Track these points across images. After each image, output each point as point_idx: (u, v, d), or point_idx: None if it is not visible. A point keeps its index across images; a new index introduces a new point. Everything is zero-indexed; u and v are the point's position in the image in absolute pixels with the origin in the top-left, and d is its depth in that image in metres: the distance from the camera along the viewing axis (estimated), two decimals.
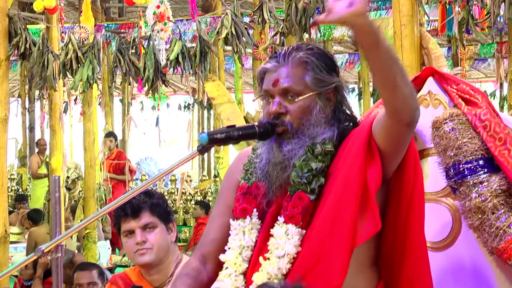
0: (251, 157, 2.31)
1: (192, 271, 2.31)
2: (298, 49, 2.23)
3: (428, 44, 4.22)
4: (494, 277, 2.72)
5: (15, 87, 18.34)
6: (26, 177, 14.44)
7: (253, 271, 2.18)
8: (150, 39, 6.54)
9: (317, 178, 2.15)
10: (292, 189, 2.17)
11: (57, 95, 7.31)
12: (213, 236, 2.36)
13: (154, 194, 2.98)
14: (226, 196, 2.38)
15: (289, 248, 2.12)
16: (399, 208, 2.17)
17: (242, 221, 2.24)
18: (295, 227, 2.14)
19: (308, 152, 2.16)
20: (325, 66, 2.22)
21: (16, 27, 6.17)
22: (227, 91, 8.75)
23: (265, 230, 2.21)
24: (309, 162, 2.16)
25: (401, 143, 2.14)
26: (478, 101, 2.76)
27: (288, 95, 2.19)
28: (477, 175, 2.67)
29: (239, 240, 2.23)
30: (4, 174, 5.97)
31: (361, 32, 1.94)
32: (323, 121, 2.18)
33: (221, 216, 2.35)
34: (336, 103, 2.23)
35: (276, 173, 2.20)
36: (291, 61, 2.21)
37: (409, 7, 4.23)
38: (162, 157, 19.93)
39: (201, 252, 2.35)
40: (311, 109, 2.18)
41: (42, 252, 2.13)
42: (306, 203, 2.14)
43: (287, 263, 2.12)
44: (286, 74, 2.19)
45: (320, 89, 2.20)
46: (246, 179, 2.29)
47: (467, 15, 4.68)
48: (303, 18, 5.53)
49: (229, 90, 10.00)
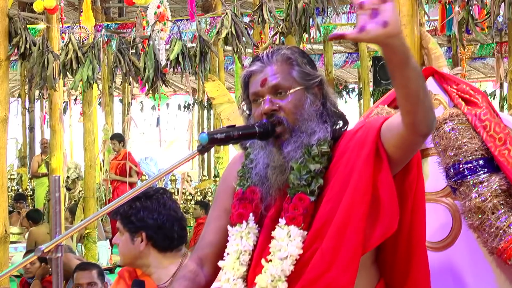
0: (244, 163, 2.31)
1: (189, 274, 2.32)
2: (278, 49, 2.27)
3: (428, 44, 4.22)
4: (494, 277, 2.73)
5: (15, 87, 18.35)
6: (26, 177, 14.46)
7: (254, 274, 2.18)
8: (150, 39, 6.55)
9: (316, 180, 2.16)
10: (292, 191, 2.17)
11: (57, 95, 7.32)
12: (210, 239, 2.36)
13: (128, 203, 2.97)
14: (221, 199, 2.38)
15: (292, 250, 2.13)
16: (403, 209, 2.17)
17: (239, 226, 2.25)
18: (297, 228, 2.14)
19: (305, 154, 2.17)
20: (307, 61, 2.26)
21: (16, 27, 6.17)
22: (227, 91, 8.76)
23: (265, 233, 2.22)
24: (307, 164, 2.16)
25: (413, 152, 2.16)
26: (478, 101, 2.76)
27: (277, 92, 2.20)
28: (477, 175, 2.67)
29: (237, 245, 2.24)
30: (4, 174, 5.97)
31: (392, 52, 1.90)
32: (315, 114, 2.20)
33: (217, 219, 2.36)
34: (322, 97, 2.24)
35: (275, 177, 2.20)
36: (275, 59, 2.23)
37: (409, 7, 4.23)
38: (162, 157, 19.95)
39: (198, 255, 2.36)
40: (302, 103, 2.20)
41: (42, 252, 2.13)
42: (307, 204, 2.15)
43: (290, 265, 2.13)
44: (273, 72, 2.21)
45: (307, 83, 2.22)
46: (241, 185, 2.29)
47: (467, 15, 4.69)
48: (303, 18, 5.54)
49: (229, 90, 10.01)
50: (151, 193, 3.02)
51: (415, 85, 1.96)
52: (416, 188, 2.20)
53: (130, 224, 2.97)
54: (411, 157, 2.17)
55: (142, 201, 2.98)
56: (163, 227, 2.97)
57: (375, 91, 13.45)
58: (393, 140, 2.11)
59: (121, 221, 2.99)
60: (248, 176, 2.27)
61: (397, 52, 1.90)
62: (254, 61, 2.27)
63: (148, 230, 2.96)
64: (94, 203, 8.72)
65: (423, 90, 1.99)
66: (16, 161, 16.00)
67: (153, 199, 3.00)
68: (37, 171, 12.55)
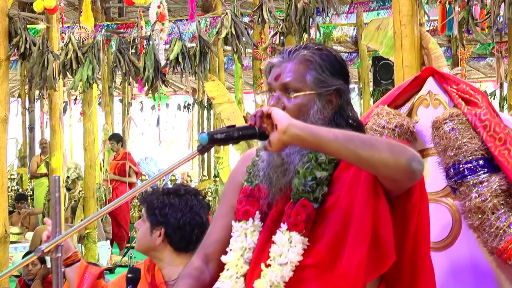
0: (254, 159, 2.31)
1: (194, 271, 2.31)
2: (306, 48, 2.23)
3: (428, 44, 4.23)
4: (494, 277, 2.73)
5: (15, 87, 18.35)
6: (26, 177, 14.46)
7: (252, 275, 2.18)
8: (150, 39, 6.55)
9: (321, 187, 2.14)
10: (296, 197, 2.16)
11: (57, 95, 7.32)
12: (216, 236, 2.36)
13: (157, 195, 3.00)
14: (230, 197, 2.38)
15: (292, 256, 2.12)
16: (405, 232, 2.15)
17: (244, 223, 2.24)
18: (299, 235, 2.13)
19: (312, 160, 2.16)
20: (329, 68, 2.19)
21: (16, 27, 6.17)
22: (227, 91, 8.76)
23: (265, 233, 2.21)
24: (313, 171, 2.15)
25: (405, 188, 2.12)
26: (478, 101, 2.76)
27: (287, 91, 2.19)
28: (477, 175, 2.67)
29: (241, 242, 2.23)
30: (4, 174, 5.97)
31: (303, 141, 1.99)
32: (320, 123, 2.15)
33: (224, 217, 2.35)
34: (337, 107, 2.21)
35: (276, 176, 2.19)
36: (295, 58, 2.20)
37: (409, 7, 4.23)
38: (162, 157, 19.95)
39: (204, 252, 2.36)
40: (308, 108, 2.17)
41: (42, 252, 2.13)
42: (309, 211, 2.14)
43: (289, 271, 2.12)
44: (288, 70, 2.19)
45: (320, 89, 2.18)
46: (249, 182, 2.29)
47: (467, 15, 4.68)
48: (302, 18, 5.53)
49: (229, 90, 10.01)
50: (182, 192, 3.01)
51: (353, 152, 1.98)
52: (419, 211, 2.16)
53: (153, 216, 2.97)
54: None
55: (171, 197, 2.98)
56: (183, 228, 2.96)
57: (375, 91, 13.45)
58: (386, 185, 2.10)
59: (146, 210, 3.00)
60: (257, 174, 2.26)
61: (303, 140, 1.98)
62: (279, 54, 2.26)
63: (168, 227, 2.96)
64: (94, 203, 8.72)
65: (367, 148, 1.98)
66: (16, 161, 16.00)
67: (182, 198, 3.00)
68: (36, 171, 12.55)
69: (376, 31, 5.96)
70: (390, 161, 1.99)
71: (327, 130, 2.00)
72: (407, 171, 2.01)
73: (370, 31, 6.06)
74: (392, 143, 2.04)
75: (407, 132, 2.83)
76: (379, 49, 5.91)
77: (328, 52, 2.24)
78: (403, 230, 2.14)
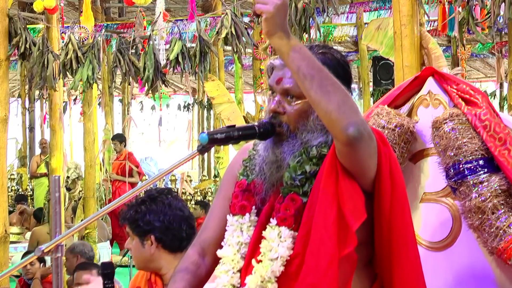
0: (251, 152, 2.31)
1: (191, 265, 2.32)
2: (309, 50, 2.17)
3: (428, 44, 4.23)
4: (494, 277, 2.73)
5: (15, 87, 18.35)
6: (26, 177, 14.47)
7: (246, 271, 2.18)
8: (150, 39, 6.54)
9: (310, 181, 2.14)
10: (285, 191, 2.16)
11: (57, 95, 7.31)
12: (212, 229, 2.36)
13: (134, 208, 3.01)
14: (226, 189, 2.38)
15: (282, 251, 2.12)
16: (380, 219, 2.15)
17: (240, 218, 2.24)
18: (288, 229, 2.13)
19: (303, 154, 2.16)
20: (332, 73, 2.13)
21: (16, 27, 6.17)
22: (226, 91, 8.76)
23: (258, 229, 2.22)
24: (303, 165, 2.15)
25: (354, 163, 2.08)
26: (478, 101, 2.76)
27: (288, 96, 2.18)
28: (477, 175, 2.67)
29: (238, 237, 2.23)
30: (4, 174, 5.97)
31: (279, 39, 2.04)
32: (319, 128, 2.15)
33: (221, 209, 2.36)
34: None
35: (270, 172, 2.20)
36: None
37: (409, 7, 4.23)
38: (162, 157, 19.95)
39: (200, 245, 2.37)
40: (308, 114, 2.17)
41: (42, 252, 2.13)
42: (298, 205, 2.14)
43: (280, 266, 2.12)
44: (289, 75, 2.17)
45: None
46: (245, 176, 2.29)
47: (467, 15, 4.68)
48: (303, 18, 5.52)
49: (229, 90, 10.01)
50: (155, 195, 3.04)
51: (306, 89, 2.02)
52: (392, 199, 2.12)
53: (138, 229, 3.00)
54: (366, 168, 2.09)
55: (147, 204, 3.01)
56: (171, 228, 2.99)
57: (375, 91, 13.43)
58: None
59: (130, 226, 3.03)
60: (253, 168, 2.26)
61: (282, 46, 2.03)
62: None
63: (156, 232, 2.98)
64: (94, 203, 8.72)
65: (324, 92, 2.00)
66: (16, 161, 16.01)
67: (158, 201, 3.02)
68: (36, 171, 12.56)
69: (376, 31, 5.97)
70: (333, 116, 2.00)
71: (300, 57, 2.03)
72: (341, 133, 2.00)
73: (370, 31, 6.07)
74: (348, 101, 2.03)
75: (407, 132, 2.83)
76: (379, 49, 5.92)
77: (331, 56, 2.23)
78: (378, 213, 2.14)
